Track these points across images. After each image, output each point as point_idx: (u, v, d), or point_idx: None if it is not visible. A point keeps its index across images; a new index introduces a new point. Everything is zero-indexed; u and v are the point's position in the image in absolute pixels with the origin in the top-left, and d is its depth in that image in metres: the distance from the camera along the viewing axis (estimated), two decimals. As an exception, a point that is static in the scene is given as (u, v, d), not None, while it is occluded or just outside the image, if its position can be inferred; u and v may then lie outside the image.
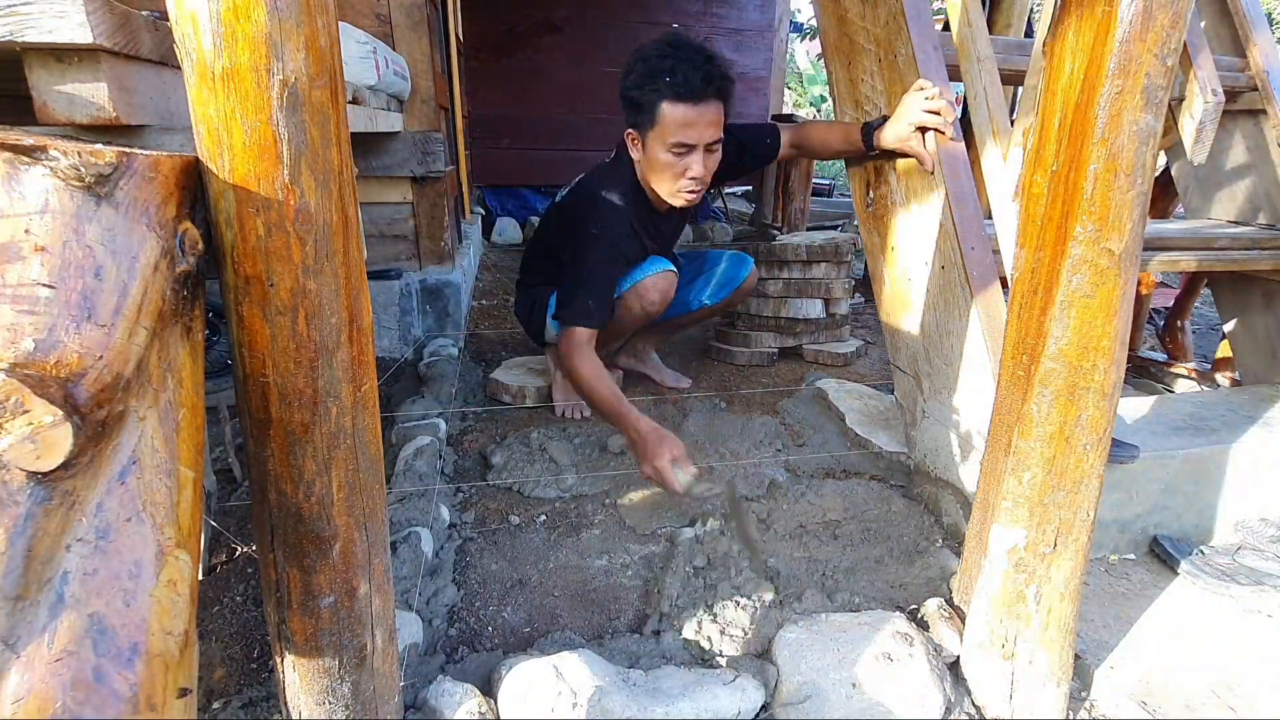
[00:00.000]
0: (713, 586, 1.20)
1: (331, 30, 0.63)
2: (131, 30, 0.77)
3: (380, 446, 0.77)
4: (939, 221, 1.39)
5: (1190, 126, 1.39)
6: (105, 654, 0.49)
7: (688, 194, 1.60)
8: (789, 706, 0.97)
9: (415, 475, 1.44)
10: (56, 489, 0.48)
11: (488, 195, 4.70)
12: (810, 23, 9.35)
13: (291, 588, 0.73)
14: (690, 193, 1.60)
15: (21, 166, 0.48)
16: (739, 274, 2.05)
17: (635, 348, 2.18)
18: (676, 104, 1.46)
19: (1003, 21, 2.76)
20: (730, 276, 2.05)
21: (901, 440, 1.65)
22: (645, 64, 1.48)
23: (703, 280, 2.06)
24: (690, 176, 1.55)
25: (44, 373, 0.47)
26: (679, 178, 1.57)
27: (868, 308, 3.10)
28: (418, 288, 2.32)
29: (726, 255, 2.10)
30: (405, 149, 2.18)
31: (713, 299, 2.06)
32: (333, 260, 0.66)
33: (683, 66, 1.44)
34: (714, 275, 2.06)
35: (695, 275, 2.08)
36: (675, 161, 1.54)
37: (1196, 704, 1.00)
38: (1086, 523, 0.92)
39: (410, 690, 0.96)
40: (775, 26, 4.98)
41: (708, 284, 2.05)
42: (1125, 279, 0.84)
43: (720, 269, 2.07)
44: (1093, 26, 0.79)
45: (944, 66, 1.41)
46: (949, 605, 1.12)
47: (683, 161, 1.54)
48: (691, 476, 1.31)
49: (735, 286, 2.06)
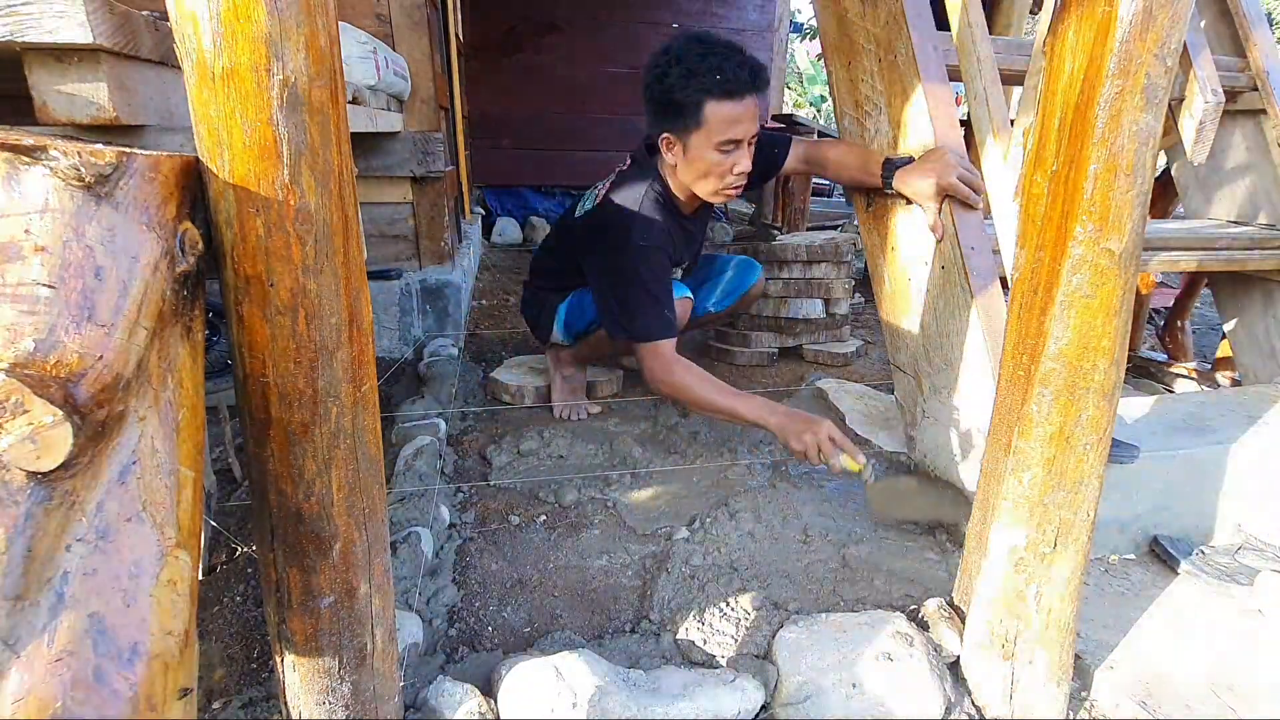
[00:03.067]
0: (713, 587, 1.20)
1: (331, 30, 0.63)
2: (131, 30, 0.77)
3: (380, 446, 0.77)
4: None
5: (1190, 126, 1.39)
6: (105, 654, 0.49)
7: (732, 190, 1.57)
8: (789, 706, 0.97)
9: (415, 475, 1.44)
10: (56, 489, 0.48)
11: (488, 195, 4.70)
12: (810, 23, 9.35)
13: (291, 588, 0.73)
14: (735, 189, 1.56)
15: (21, 166, 0.48)
16: (745, 281, 2.04)
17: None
18: (723, 101, 1.43)
19: (1003, 21, 2.77)
20: (737, 284, 2.05)
21: (901, 440, 1.65)
22: (682, 64, 1.44)
23: (709, 286, 2.05)
24: (738, 172, 1.52)
25: (44, 373, 0.47)
26: (725, 175, 1.53)
27: (868, 308, 3.10)
28: (418, 288, 2.32)
29: (734, 261, 2.08)
30: (405, 149, 2.18)
31: (718, 306, 2.05)
32: (333, 260, 0.66)
33: (724, 64, 1.42)
34: (720, 282, 2.05)
35: (702, 281, 2.07)
36: (723, 160, 1.50)
37: (1196, 704, 1.00)
38: (1086, 523, 0.92)
39: (410, 690, 0.96)
40: (775, 26, 4.98)
41: (713, 291, 2.05)
42: (1125, 279, 0.84)
43: (727, 276, 2.06)
44: (1093, 26, 0.78)
45: (944, 66, 1.41)
46: (949, 605, 1.12)
47: (730, 158, 1.50)
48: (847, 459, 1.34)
49: (741, 293, 2.05)
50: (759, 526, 1.38)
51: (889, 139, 1.51)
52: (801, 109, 9.69)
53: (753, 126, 1.48)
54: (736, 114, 1.44)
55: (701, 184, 1.56)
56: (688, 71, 1.43)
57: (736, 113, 1.44)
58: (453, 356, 2.16)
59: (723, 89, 1.42)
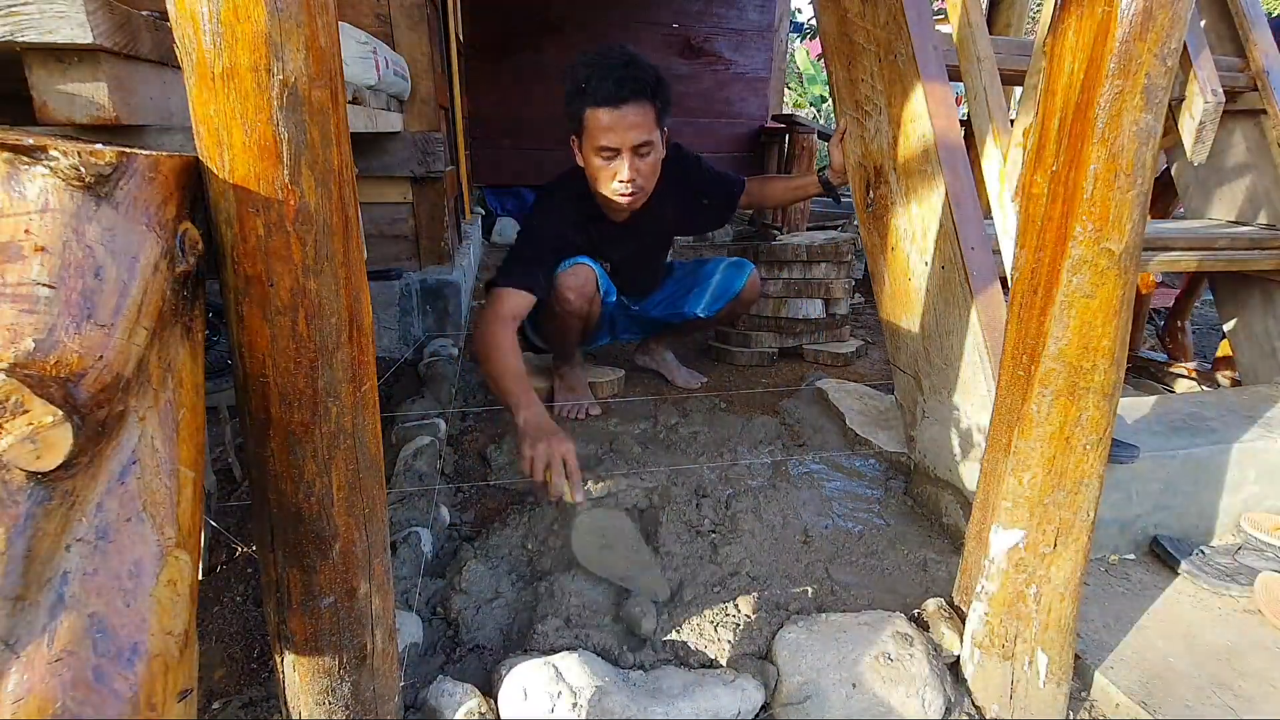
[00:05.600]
0: (714, 586, 1.20)
1: (331, 30, 0.63)
2: (131, 30, 0.77)
3: (380, 446, 0.77)
4: (939, 221, 1.39)
5: (1190, 126, 1.39)
6: (105, 654, 0.49)
7: (623, 196, 1.65)
8: (789, 706, 0.97)
9: (415, 475, 1.44)
10: (56, 489, 0.48)
11: (488, 195, 4.70)
12: (810, 23, 9.35)
13: (291, 588, 0.73)
14: (625, 195, 1.64)
15: (21, 166, 0.48)
16: (734, 285, 2.01)
17: (649, 348, 2.25)
18: (597, 109, 1.54)
19: (1003, 21, 2.77)
20: (725, 288, 2.01)
21: (901, 440, 1.65)
22: (572, 75, 1.57)
23: (697, 292, 2.02)
24: (621, 179, 1.61)
25: (44, 373, 0.47)
26: (610, 180, 1.63)
27: (868, 308, 3.10)
28: (418, 288, 2.32)
29: (723, 265, 2.05)
30: (405, 149, 2.18)
31: (707, 311, 2.02)
32: (333, 260, 0.66)
33: (600, 74, 1.52)
34: (709, 286, 2.02)
35: (691, 286, 2.04)
36: (605, 165, 1.62)
37: (1196, 704, 1.00)
38: (1086, 523, 0.92)
39: (410, 690, 0.96)
40: (775, 26, 4.98)
41: (701, 296, 2.01)
42: (1125, 279, 0.84)
43: (714, 281, 2.02)
44: (1093, 26, 0.79)
45: (944, 66, 1.41)
46: (949, 605, 1.12)
47: (611, 165, 1.61)
48: (567, 486, 1.26)
49: (731, 297, 2.01)
50: (759, 526, 1.38)
51: (889, 139, 1.51)
52: (801, 109, 9.67)
53: (632, 135, 1.56)
54: (610, 122, 1.54)
55: (598, 186, 1.67)
56: (573, 81, 1.56)
57: (609, 121, 1.54)
58: (453, 356, 2.16)
59: (597, 99, 1.53)
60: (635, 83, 1.52)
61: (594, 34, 4.58)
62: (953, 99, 1.42)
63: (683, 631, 1.09)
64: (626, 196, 1.65)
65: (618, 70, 1.52)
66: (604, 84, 1.51)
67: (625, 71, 1.52)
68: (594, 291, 1.77)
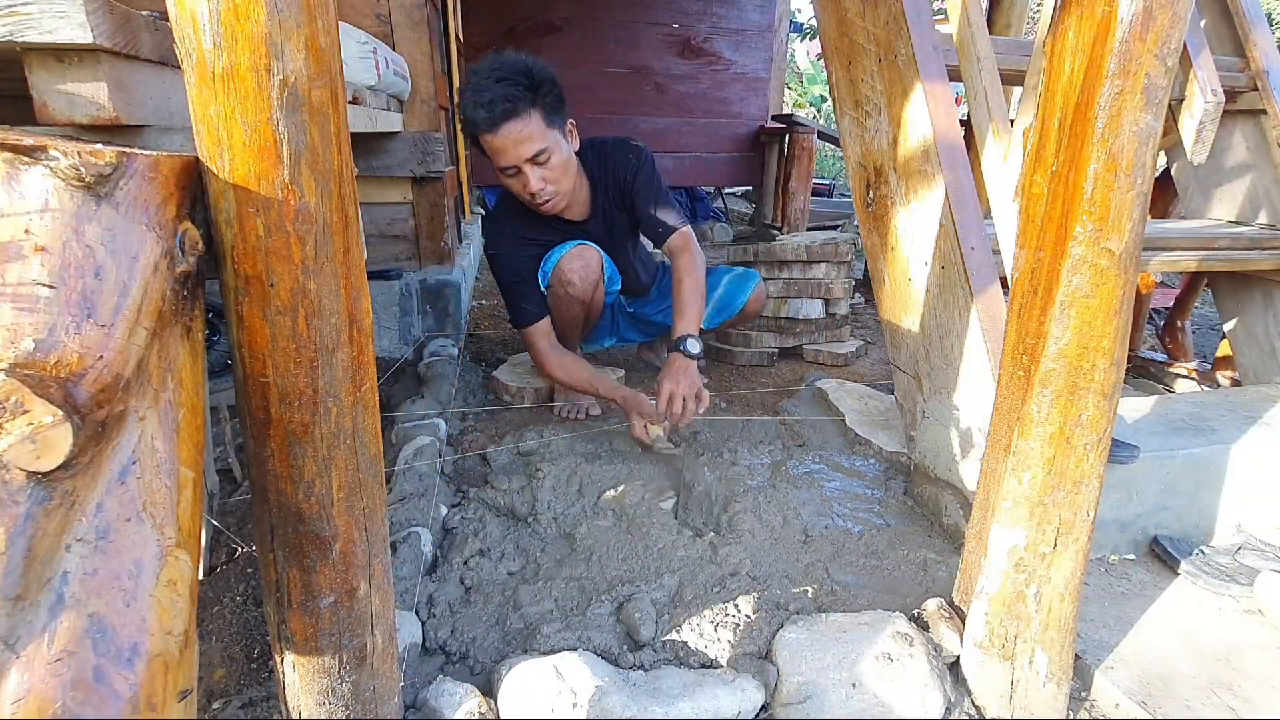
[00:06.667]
0: (713, 587, 1.20)
1: (332, 30, 0.63)
2: (131, 30, 0.77)
3: (380, 446, 0.77)
4: (939, 221, 1.39)
5: (1190, 126, 1.39)
6: (105, 654, 0.49)
7: (541, 205, 1.67)
8: (789, 706, 0.97)
9: (415, 475, 1.44)
10: (56, 489, 0.48)
11: (488, 195, 4.69)
12: (810, 23, 9.35)
13: (291, 588, 0.73)
14: (542, 203, 1.66)
15: (22, 166, 0.48)
16: (739, 297, 2.02)
17: (656, 348, 2.29)
18: (484, 136, 1.55)
19: (1003, 21, 2.77)
20: (729, 300, 2.02)
21: (901, 440, 1.65)
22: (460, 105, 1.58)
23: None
24: (530, 191, 1.63)
25: (44, 373, 0.47)
26: (523, 193, 1.64)
27: (868, 308, 3.10)
28: (418, 288, 2.32)
29: (728, 276, 2.05)
30: (405, 149, 2.18)
31: (710, 323, 2.02)
32: (333, 260, 0.66)
33: (474, 101, 1.52)
34: (711, 299, 2.00)
35: None
36: (514, 180, 1.64)
37: (1196, 704, 1.00)
38: (1086, 523, 0.92)
39: (410, 690, 0.96)
40: (775, 26, 4.98)
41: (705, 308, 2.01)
42: (1125, 279, 0.84)
43: (718, 294, 2.02)
44: (1093, 26, 0.78)
45: (944, 66, 1.41)
46: (949, 605, 1.12)
47: (517, 180, 1.63)
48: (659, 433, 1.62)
49: (737, 309, 2.02)
50: (759, 526, 1.38)
51: (889, 139, 1.51)
52: (802, 109, 9.68)
53: (523, 149, 1.56)
54: (498, 145, 1.56)
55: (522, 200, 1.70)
56: (461, 111, 1.57)
57: (498, 144, 1.56)
58: (453, 356, 2.16)
59: (478, 127, 1.54)
60: (506, 101, 1.50)
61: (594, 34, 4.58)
62: (953, 99, 1.42)
63: (683, 631, 1.09)
64: (544, 204, 1.66)
65: (486, 92, 1.50)
66: (478, 111, 1.51)
67: (495, 91, 1.49)
68: (598, 275, 1.79)
